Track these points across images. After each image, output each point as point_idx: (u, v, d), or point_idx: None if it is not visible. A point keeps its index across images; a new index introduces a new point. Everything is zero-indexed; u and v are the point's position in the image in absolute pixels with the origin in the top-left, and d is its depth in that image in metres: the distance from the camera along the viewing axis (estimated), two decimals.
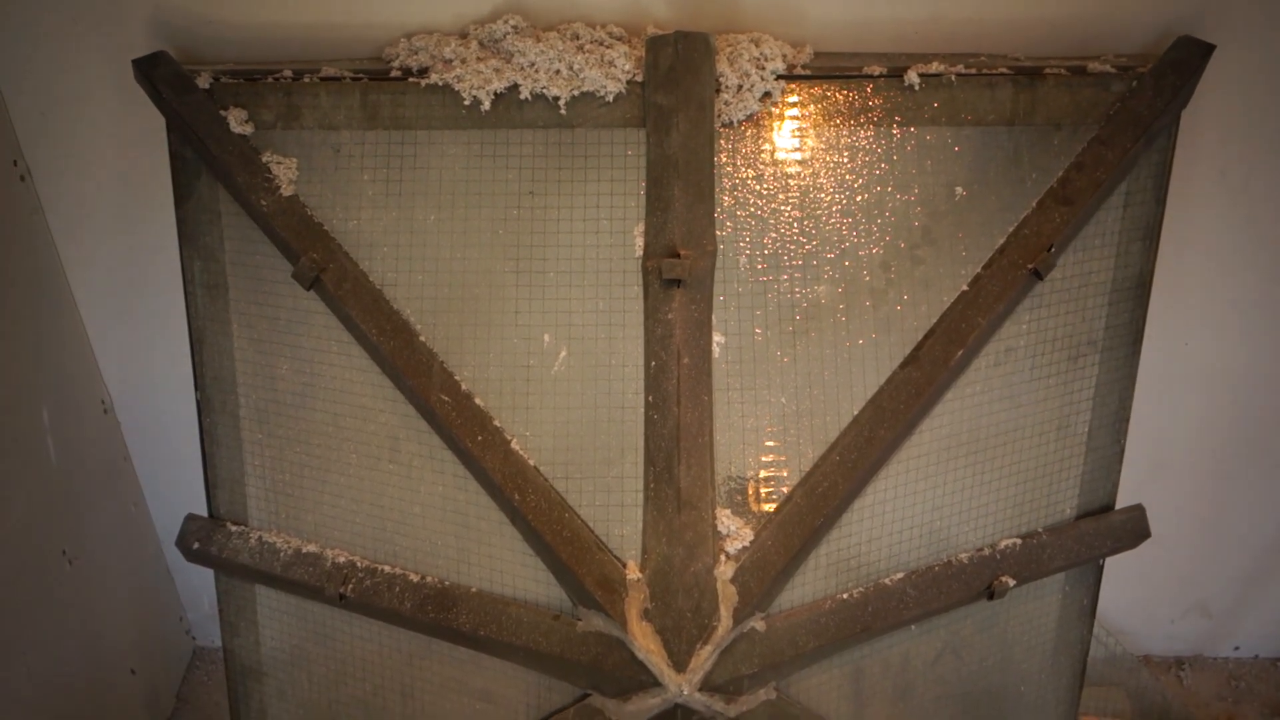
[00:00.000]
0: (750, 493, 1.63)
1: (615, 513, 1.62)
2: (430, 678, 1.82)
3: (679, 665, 1.58)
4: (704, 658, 1.58)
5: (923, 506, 1.74)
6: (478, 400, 1.64)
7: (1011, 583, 1.79)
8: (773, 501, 1.63)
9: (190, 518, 1.89)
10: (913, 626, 1.83)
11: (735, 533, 1.60)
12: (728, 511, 1.61)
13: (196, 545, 1.86)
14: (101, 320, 2.10)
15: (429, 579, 1.73)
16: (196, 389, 1.82)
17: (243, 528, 1.86)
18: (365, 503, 1.75)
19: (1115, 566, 2.01)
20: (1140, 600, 2.60)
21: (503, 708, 1.78)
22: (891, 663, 1.85)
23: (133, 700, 2.34)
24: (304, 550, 1.81)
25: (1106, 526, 1.90)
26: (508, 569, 1.68)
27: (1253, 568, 2.53)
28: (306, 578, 1.79)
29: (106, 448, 2.22)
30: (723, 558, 1.60)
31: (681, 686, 1.58)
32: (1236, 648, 2.73)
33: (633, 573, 1.60)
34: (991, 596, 1.80)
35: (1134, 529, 1.92)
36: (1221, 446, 2.31)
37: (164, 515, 2.43)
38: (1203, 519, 2.43)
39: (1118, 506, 1.91)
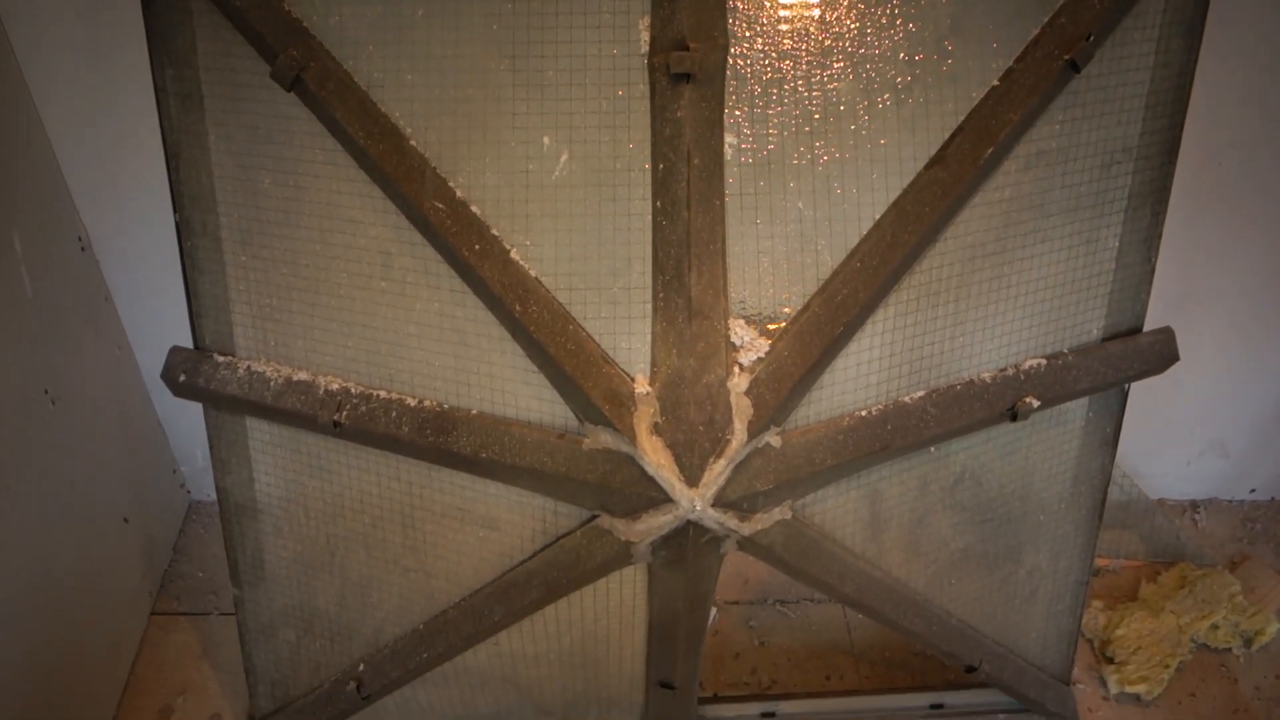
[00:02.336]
0: (765, 302, 1.53)
1: (622, 325, 1.53)
2: (431, 507, 1.75)
3: (691, 480, 1.50)
4: (717, 472, 1.50)
5: (945, 321, 1.65)
6: (474, 208, 1.53)
7: (1035, 404, 1.72)
8: (789, 310, 1.54)
9: (175, 350, 1.80)
10: (932, 449, 1.76)
11: (749, 343, 1.51)
12: (741, 321, 1.52)
13: (183, 377, 1.78)
14: (72, 146, 1.98)
15: (427, 403, 1.65)
16: (175, 210, 1.71)
17: (230, 358, 1.77)
18: (357, 325, 1.66)
19: (1134, 405, 1.93)
20: (1157, 441, 2.54)
21: (507, 535, 1.72)
22: (909, 486, 1.78)
23: (127, 549, 2.28)
24: (295, 378, 1.72)
25: (1134, 349, 1.81)
26: (509, 388, 1.60)
27: (1275, 405, 2.46)
28: (299, 406, 1.70)
29: (86, 285, 2.12)
30: (736, 369, 1.51)
31: (694, 501, 1.51)
32: (1253, 490, 2.68)
33: (641, 386, 1.51)
34: (1015, 418, 1.72)
35: (1162, 352, 1.84)
36: (1249, 275, 2.22)
37: (152, 365, 2.35)
38: (1227, 353, 2.35)
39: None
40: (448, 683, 1.97)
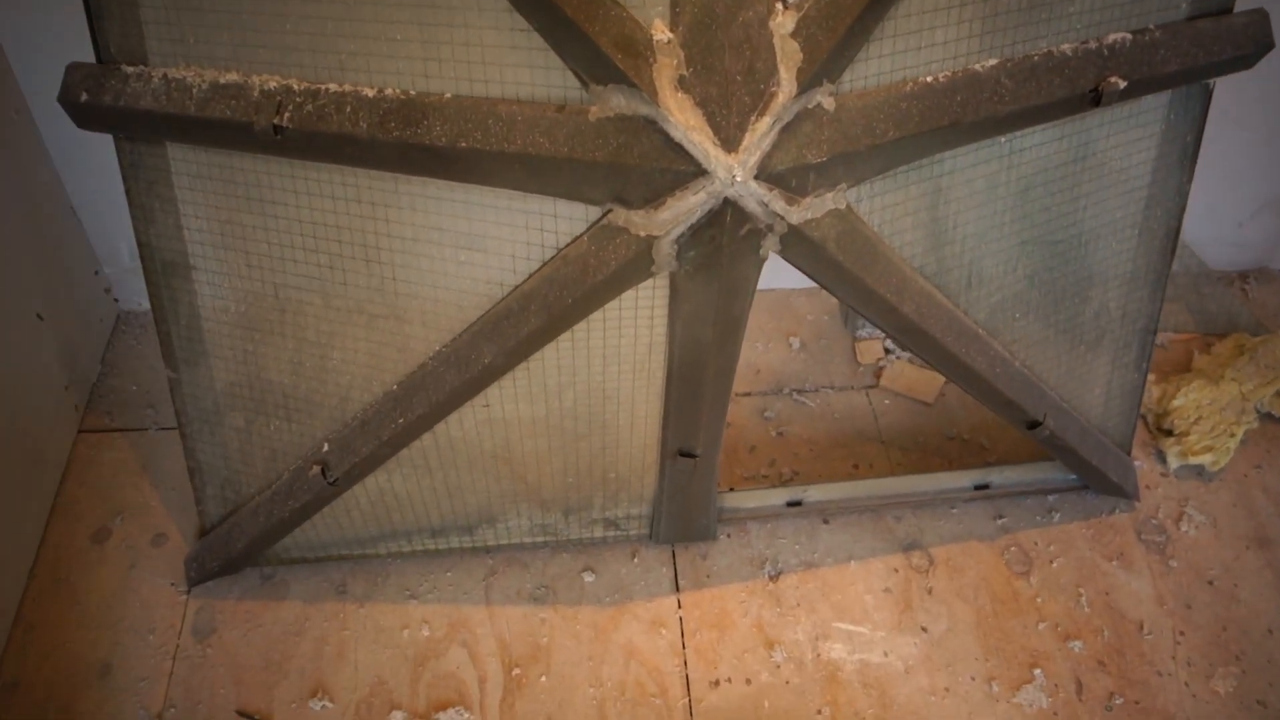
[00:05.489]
0: None
1: None
2: (401, 232, 1.44)
3: (729, 143, 1.20)
4: (760, 133, 1.20)
5: None
6: None
7: (1121, 84, 1.43)
8: None
9: (74, 66, 1.45)
10: (1002, 139, 1.47)
11: None
12: None
13: (85, 96, 1.43)
14: None
15: (389, 91, 1.32)
16: None
17: (141, 68, 1.43)
18: (296, 0, 1.33)
19: None
20: (1208, 203, 2.27)
21: (495, 255, 1.41)
22: (976, 187, 1.50)
23: (43, 351, 1.96)
24: (222, 81, 1.39)
25: (1225, 28, 1.53)
26: (491, 57, 1.27)
27: None
28: (230, 114, 1.37)
29: None
30: (779, 7, 1.20)
31: (733, 171, 1.21)
32: None
33: (661, 33, 1.20)
34: (1098, 101, 1.44)
35: (1255, 35, 1.56)
36: None
37: (58, 136, 1.99)
38: None
39: None
40: (430, 467, 1.68)
